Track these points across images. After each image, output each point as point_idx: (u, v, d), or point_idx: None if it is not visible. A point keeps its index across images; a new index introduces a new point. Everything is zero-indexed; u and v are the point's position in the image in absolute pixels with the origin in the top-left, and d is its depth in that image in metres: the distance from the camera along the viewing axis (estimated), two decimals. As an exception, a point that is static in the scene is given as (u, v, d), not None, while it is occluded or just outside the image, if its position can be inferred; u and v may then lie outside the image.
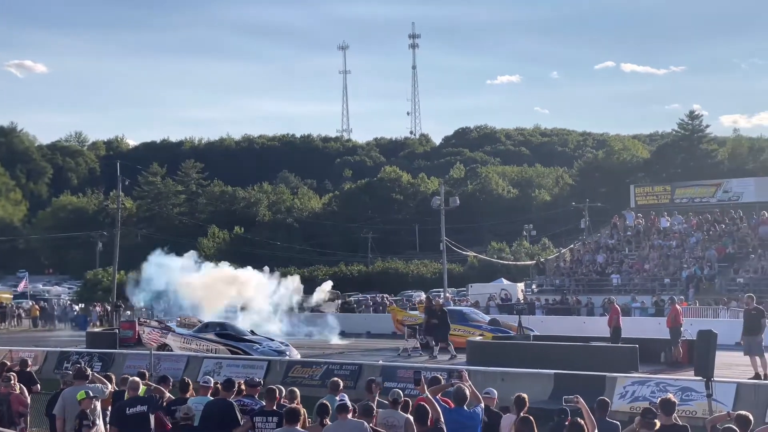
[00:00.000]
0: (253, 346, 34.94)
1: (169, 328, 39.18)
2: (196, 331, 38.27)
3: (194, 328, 38.95)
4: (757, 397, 21.27)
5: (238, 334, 36.83)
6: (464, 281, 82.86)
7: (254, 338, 36.40)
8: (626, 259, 58.25)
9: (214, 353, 34.45)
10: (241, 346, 35.13)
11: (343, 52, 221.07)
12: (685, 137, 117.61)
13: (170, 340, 37.97)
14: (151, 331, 39.58)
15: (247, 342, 35.65)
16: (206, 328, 37.99)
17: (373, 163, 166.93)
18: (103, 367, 31.32)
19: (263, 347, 34.76)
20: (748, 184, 63.17)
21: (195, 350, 35.71)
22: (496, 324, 38.74)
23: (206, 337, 36.81)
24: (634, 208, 65.28)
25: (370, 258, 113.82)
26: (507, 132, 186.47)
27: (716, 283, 51.74)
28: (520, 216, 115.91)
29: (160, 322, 39.88)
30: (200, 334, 37.37)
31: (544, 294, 57.28)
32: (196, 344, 36.64)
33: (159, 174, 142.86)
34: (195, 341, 36.94)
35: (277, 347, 34.76)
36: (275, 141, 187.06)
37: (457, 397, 12.55)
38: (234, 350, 34.83)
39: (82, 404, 14.70)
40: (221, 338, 36.19)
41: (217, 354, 34.23)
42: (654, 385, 22.76)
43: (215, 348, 35.65)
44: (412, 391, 21.08)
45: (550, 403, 20.57)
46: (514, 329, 37.23)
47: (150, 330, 39.81)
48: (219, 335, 36.53)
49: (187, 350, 35.94)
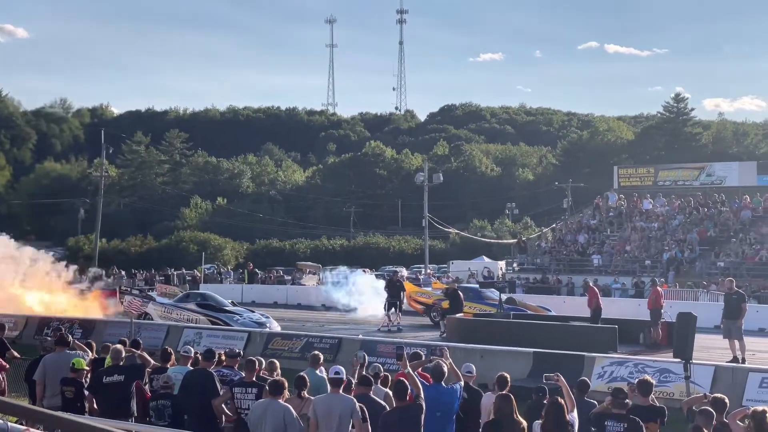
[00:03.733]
0: (233, 317, 34.96)
1: (150, 297, 39.18)
2: (176, 300, 38.32)
3: (175, 297, 38.93)
4: (734, 380, 21.38)
5: (218, 304, 36.81)
6: (446, 258, 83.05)
7: (235, 309, 36.44)
8: (608, 240, 58.44)
9: (195, 323, 34.41)
10: (221, 317, 35.12)
11: (331, 25, 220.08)
12: (670, 120, 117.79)
13: (151, 309, 37.80)
14: (132, 300, 39.34)
15: (227, 313, 35.64)
16: (187, 298, 38.11)
17: (358, 138, 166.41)
18: (83, 335, 31.19)
19: (243, 318, 34.78)
20: (731, 168, 63.37)
21: (175, 320, 35.58)
22: (512, 303, 38.33)
23: (187, 307, 36.77)
24: (617, 189, 65.42)
25: (352, 233, 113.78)
26: (492, 110, 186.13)
27: (697, 266, 52.00)
28: (503, 194, 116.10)
29: (141, 291, 39.80)
30: (181, 304, 37.35)
31: (525, 273, 57.45)
32: (176, 314, 36.55)
33: (143, 143, 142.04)
34: (176, 311, 36.87)
35: (257, 319, 34.80)
36: (260, 113, 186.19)
37: (436, 373, 12.53)
38: (214, 321, 34.82)
39: (77, 373, 14.68)
40: (202, 308, 36.19)
41: (197, 324, 34.18)
42: (632, 366, 22.83)
43: (195, 318, 35.63)
44: (392, 365, 21.14)
45: (528, 381, 20.65)
46: (532, 308, 37.33)
47: (131, 298, 39.60)
48: (200, 305, 36.53)
49: (167, 320, 35.84)
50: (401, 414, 11.71)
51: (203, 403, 13.69)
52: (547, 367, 18.26)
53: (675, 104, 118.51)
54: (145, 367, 15.33)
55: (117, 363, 14.79)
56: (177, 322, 34.92)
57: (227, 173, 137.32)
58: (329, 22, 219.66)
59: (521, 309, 37.07)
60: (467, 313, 35.34)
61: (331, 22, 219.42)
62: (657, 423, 12.40)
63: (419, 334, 34.43)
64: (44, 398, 14.98)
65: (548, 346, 25.31)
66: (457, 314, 34.09)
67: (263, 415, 11.83)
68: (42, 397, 15.08)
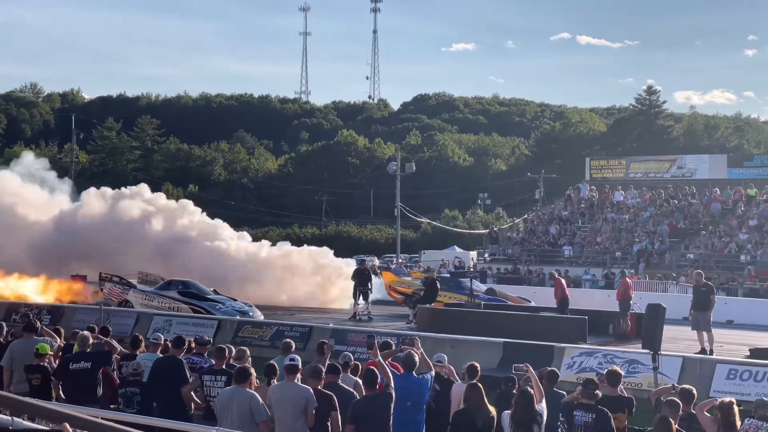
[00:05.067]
0: (216, 306, 34.54)
1: (130, 284, 38.23)
2: (158, 288, 37.51)
3: (156, 285, 38.18)
4: (702, 371, 21.54)
5: (200, 292, 36.23)
6: (417, 247, 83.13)
7: (217, 298, 35.93)
8: (579, 231, 58.68)
9: (176, 312, 34.01)
10: (203, 305, 34.69)
11: (305, 13, 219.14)
12: (642, 112, 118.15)
13: (131, 297, 37.17)
14: (112, 287, 38.33)
15: (209, 301, 35.19)
16: (169, 286, 37.22)
17: (331, 126, 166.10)
18: (52, 321, 31.06)
19: (226, 307, 34.32)
20: (702, 161, 63.75)
21: (157, 308, 35.06)
22: (492, 293, 38.21)
23: (168, 294, 36.19)
24: (589, 180, 65.70)
25: (324, 221, 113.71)
26: (465, 100, 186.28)
27: (666, 258, 52.30)
28: (475, 184, 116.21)
29: (121, 279, 39.15)
30: (162, 292, 36.69)
31: (497, 263, 57.63)
32: (158, 302, 36.03)
33: (114, 129, 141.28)
34: (157, 299, 36.34)
35: (240, 308, 34.39)
36: (233, 100, 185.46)
37: (407, 363, 12.53)
38: (196, 309, 34.34)
39: (43, 359, 14.59)
40: (184, 296, 35.70)
41: (178, 312, 33.83)
42: (601, 357, 22.96)
43: (177, 306, 35.13)
44: (363, 354, 21.16)
45: (498, 371, 20.71)
46: (512, 299, 37.34)
47: (111, 286, 38.50)
48: (181, 293, 35.98)
49: (148, 307, 35.33)
50: (371, 402, 11.71)
51: (172, 390, 13.64)
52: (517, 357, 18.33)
53: (647, 96, 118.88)
54: (112, 353, 15.27)
55: (84, 350, 14.73)
56: (158, 310, 34.46)
57: (199, 160, 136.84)
58: (303, 10, 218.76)
59: (501, 300, 36.98)
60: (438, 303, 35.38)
61: (305, 10, 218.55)
62: (625, 413, 12.49)
63: (390, 324, 34.45)
64: (11, 384, 14.88)
65: (518, 337, 25.42)
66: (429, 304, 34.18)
67: (229, 402, 11.80)
68: (9, 383, 14.97)
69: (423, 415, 12.45)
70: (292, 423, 11.65)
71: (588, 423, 11.56)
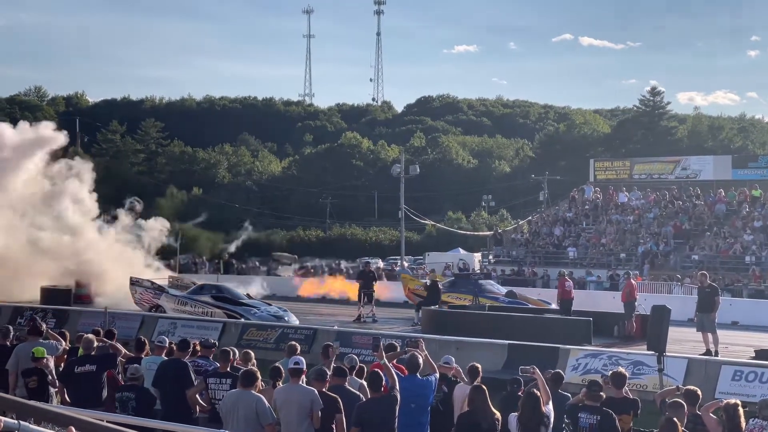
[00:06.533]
0: (251, 311, 33.54)
1: (162, 288, 37.66)
2: (190, 292, 36.84)
3: (188, 289, 37.58)
4: (707, 373, 21.54)
5: (234, 297, 35.47)
6: (422, 249, 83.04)
7: (251, 302, 35.13)
8: (583, 232, 58.62)
9: (210, 317, 33.29)
10: (238, 310, 33.73)
11: (308, 16, 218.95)
12: (646, 113, 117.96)
13: (164, 302, 36.57)
14: (143, 292, 37.95)
15: (244, 306, 34.29)
16: (201, 290, 36.55)
17: (335, 129, 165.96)
18: (57, 324, 31.04)
19: (261, 312, 33.39)
20: (706, 162, 63.68)
21: (190, 312, 34.58)
22: (512, 296, 38.04)
23: (201, 299, 35.47)
24: (593, 182, 65.63)
25: (328, 223, 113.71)
26: (469, 102, 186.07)
27: (671, 260, 52.24)
28: (479, 186, 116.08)
29: (152, 283, 38.66)
30: (195, 296, 36.01)
31: (501, 265, 57.52)
32: (191, 306, 35.42)
33: (118, 132, 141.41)
34: (190, 303, 35.68)
35: (275, 312, 33.52)
36: (236, 103, 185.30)
37: (411, 365, 12.54)
38: (231, 314, 33.41)
39: (39, 362, 14.58)
40: (217, 301, 34.95)
41: (212, 318, 33.07)
42: (606, 358, 22.96)
43: (211, 311, 34.31)
44: (368, 356, 21.18)
45: (503, 373, 20.72)
46: (533, 302, 37.26)
47: (142, 290, 38.09)
48: (215, 298, 35.22)
49: (181, 312, 34.88)
50: (376, 405, 11.72)
51: (177, 393, 13.66)
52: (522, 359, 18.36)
53: (651, 98, 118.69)
54: (116, 356, 15.28)
55: (89, 353, 14.73)
56: (191, 315, 34.04)
57: (203, 163, 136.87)
58: (306, 12, 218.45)
59: (522, 303, 36.86)
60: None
61: (309, 12, 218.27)
62: (630, 415, 12.47)
63: (394, 326, 34.50)
64: (16, 388, 14.88)
65: (523, 338, 25.43)
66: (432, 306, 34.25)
67: (235, 405, 11.79)
68: (15, 386, 14.98)
69: (427, 416, 12.47)
70: (297, 425, 11.66)
71: (593, 425, 11.55)
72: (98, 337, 15.91)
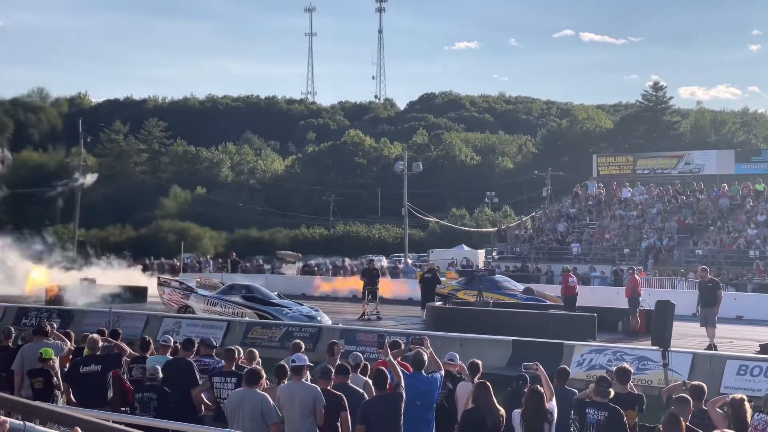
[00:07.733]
0: (283, 311, 32.87)
1: (191, 288, 36.99)
2: (220, 293, 36.23)
3: (217, 290, 36.98)
4: (712, 368, 21.50)
5: (265, 297, 34.81)
6: (425, 246, 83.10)
7: (282, 302, 34.41)
8: (587, 228, 58.61)
9: (240, 317, 32.58)
10: (269, 311, 33.07)
11: (310, 14, 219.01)
12: (649, 108, 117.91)
13: (192, 302, 35.97)
14: (172, 292, 37.46)
15: (275, 306, 33.61)
16: (231, 290, 35.96)
17: (337, 127, 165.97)
18: (62, 324, 31.02)
19: (293, 312, 32.68)
20: (709, 156, 63.64)
21: (220, 313, 34.05)
22: (530, 293, 37.69)
23: (231, 299, 34.88)
24: (597, 177, 65.58)
25: (332, 221, 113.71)
26: (471, 99, 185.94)
27: (675, 254, 52.23)
28: (482, 183, 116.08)
29: (181, 283, 38.30)
30: (225, 297, 35.40)
31: (505, 261, 57.54)
32: (221, 307, 34.83)
33: (122, 132, 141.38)
34: (220, 303, 35.10)
35: (307, 312, 32.82)
36: (239, 102, 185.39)
37: (416, 362, 12.52)
38: (262, 314, 32.80)
39: (46, 363, 14.59)
40: (248, 301, 34.37)
41: (242, 318, 32.33)
42: (611, 354, 22.92)
43: (242, 312, 33.60)
44: (372, 354, 21.17)
45: (508, 369, 20.74)
46: (550, 299, 37.12)
47: (171, 291, 37.61)
48: (246, 298, 34.64)
49: (210, 313, 34.43)
50: (381, 402, 11.71)
51: (183, 392, 13.67)
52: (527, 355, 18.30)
53: (653, 93, 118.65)
54: (121, 356, 15.28)
55: (94, 353, 14.74)
56: (221, 315, 33.48)
57: (206, 162, 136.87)
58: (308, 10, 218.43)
59: (540, 299, 36.42)
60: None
61: (310, 10, 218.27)
62: (635, 410, 12.46)
63: (399, 323, 34.50)
64: (22, 389, 14.89)
65: (528, 334, 25.39)
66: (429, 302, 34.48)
67: (240, 404, 11.81)
68: (21, 387, 14.99)
69: (432, 414, 12.45)
70: (300, 422, 11.67)
71: (600, 421, 11.53)
72: (103, 336, 15.93)
